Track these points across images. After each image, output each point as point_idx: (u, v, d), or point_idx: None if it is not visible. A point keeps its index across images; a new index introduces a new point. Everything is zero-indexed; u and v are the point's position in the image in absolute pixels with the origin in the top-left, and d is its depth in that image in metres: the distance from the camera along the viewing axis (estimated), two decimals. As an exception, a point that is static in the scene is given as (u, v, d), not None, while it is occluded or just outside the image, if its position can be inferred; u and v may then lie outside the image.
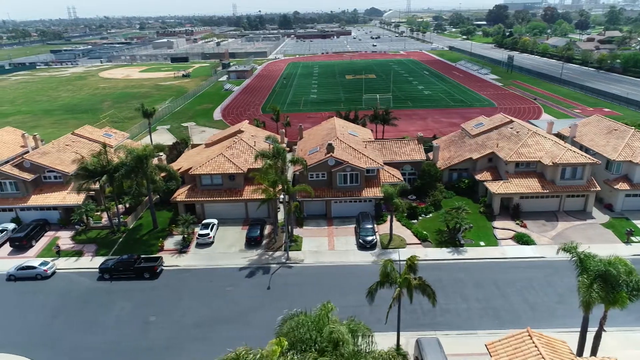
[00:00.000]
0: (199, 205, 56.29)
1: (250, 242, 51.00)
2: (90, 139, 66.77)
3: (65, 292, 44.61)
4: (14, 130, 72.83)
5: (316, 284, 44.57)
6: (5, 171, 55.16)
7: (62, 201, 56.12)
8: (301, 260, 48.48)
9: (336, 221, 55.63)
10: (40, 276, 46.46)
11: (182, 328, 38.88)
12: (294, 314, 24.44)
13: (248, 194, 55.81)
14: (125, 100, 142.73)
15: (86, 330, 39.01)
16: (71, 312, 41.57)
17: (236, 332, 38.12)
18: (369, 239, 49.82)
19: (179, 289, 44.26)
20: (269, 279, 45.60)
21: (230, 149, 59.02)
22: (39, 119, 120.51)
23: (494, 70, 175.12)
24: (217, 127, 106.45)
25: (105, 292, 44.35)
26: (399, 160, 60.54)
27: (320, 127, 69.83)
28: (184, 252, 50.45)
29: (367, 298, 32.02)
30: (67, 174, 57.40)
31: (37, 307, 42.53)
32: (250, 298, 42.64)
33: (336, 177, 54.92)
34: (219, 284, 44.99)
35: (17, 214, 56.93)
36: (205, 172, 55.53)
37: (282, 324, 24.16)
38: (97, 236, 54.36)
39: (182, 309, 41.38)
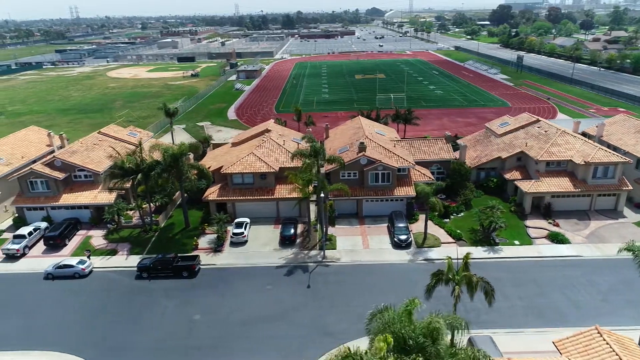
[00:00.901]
0: (230, 204, 56.33)
1: (285, 240, 51.06)
2: (116, 138, 66.82)
3: (105, 290, 44.64)
4: (39, 130, 72.86)
5: (355, 282, 44.65)
6: (37, 170, 55.17)
7: (94, 200, 56.14)
8: (337, 259, 48.55)
9: (368, 220, 55.73)
10: (78, 275, 46.47)
11: (228, 326, 38.92)
12: (381, 310, 24.44)
13: (280, 192, 55.83)
14: (137, 100, 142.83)
15: (131, 329, 39.05)
16: (114, 310, 41.60)
17: (283, 331, 38.28)
18: (403, 237, 49.89)
19: (220, 288, 44.29)
20: (308, 277, 45.66)
21: (260, 148, 59.06)
22: (53, 119, 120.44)
23: (503, 70, 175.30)
24: (233, 126, 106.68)
25: (145, 290, 44.38)
26: (427, 159, 60.61)
27: (345, 126, 69.90)
28: (218, 250, 50.50)
29: (425, 295, 31.98)
30: (98, 173, 57.45)
31: (79, 305, 42.56)
32: (291, 297, 42.69)
33: (368, 176, 54.99)
34: (258, 282, 45.03)
35: (48, 213, 56.94)
36: (236, 171, 55.56)
37: (370, 320, 24.15)
38: (129, 235, 54.38)
39: (225, 307, 41.42)
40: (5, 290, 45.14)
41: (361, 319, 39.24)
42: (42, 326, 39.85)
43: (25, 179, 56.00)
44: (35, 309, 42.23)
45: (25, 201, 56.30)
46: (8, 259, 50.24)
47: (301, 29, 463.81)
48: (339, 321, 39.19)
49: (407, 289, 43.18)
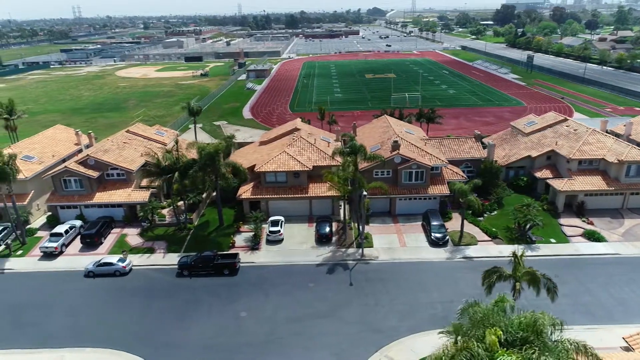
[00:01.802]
0: (264, 203, 56.48)
1: (321, 239, 51.21)
2: (144, 137, 66.98)
3: (147, 288, 44.77)
4: (65, 128, 73.03)
5: (396, 280, 44.80)
6: (72, 168, 55.29)
7: (128, 198, 56.26)
8: (376, 257, 48.72)
9: (401, 218, 55.91)
10: (118, 272, 46.59)
11: (276, 323, 39.06)
12: (471, 304, 24.62)
13: (313, 191, 55.98)
14: (150, 99, 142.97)
15: (179, 326, 39.17)
16: (159, 308, 41.71)
17: (332, 327, 38.42)
18: (440, 235, 50.06)
19: (262, 285, 44.43)
20: (349, 275, 45.80)
21: (292, 146, 59.21)
22: (68, 118, 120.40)
23: (513, 70, 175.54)
24: (250, 125, 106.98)
25: (187, 288, 44.51)
26: (458, 157, 60.81)
27: (372, 125, 70.07)
28: (256, 248, 50.64)
29: (485, 291, 32.09)
30: (131, 171, 57.57)
31: (123, 303, 42.67)
32: (335, 294, 42.83)
33: (401, 175, 55.15)
34: (300, 280, 45.16)
35: (81, 211, 57.06)
36: (270, 169, 55.71)
37: (461, 315, 24.31)
38: (164, 233, 54.49)
39: (271, 304, 41.55)
40: (48, 287, 45.25)
41: (408, 316, 39.89)
42: (90, 323, 39.95)
43: (60, 177, 56.11)
44: (80, 306, 42.34)
45: (59, 199, 56.41)
46: (46, 257, 50.33)
47: (305, 28, 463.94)
48: (386, 318, 39.35)
49: (449, 286, 43.58)
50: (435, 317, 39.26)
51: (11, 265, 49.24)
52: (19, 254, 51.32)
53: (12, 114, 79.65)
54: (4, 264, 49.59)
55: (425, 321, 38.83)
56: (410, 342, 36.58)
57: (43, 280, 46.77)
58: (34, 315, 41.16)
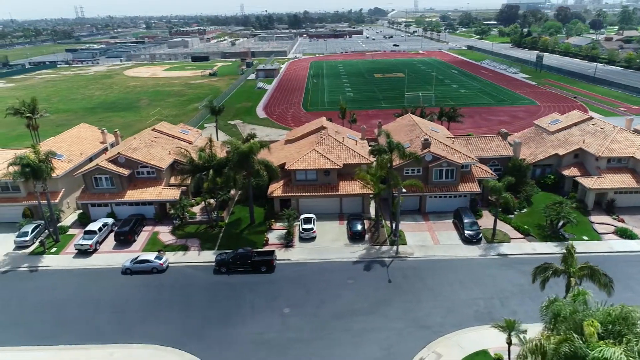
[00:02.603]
0: (294, 200, 56.67)
1: (355, 236, 51.41)
2: (170, 135, 67.15)
3: (187, 285, 44.94)
4: (90, 127, 73.19)
5: (433, 277, 45.01)
6: (103, 166, 55.46)
7: (159, 196, 56.43)
8: (411, 254, 48.95)
9: (432, 216, 56.14)
10: (156, 270, 46.78)
11: (322, 319, 39.26)
12: (554, 300, 24.82)
13: (344, 189, 56.18)
14: (162, 99, 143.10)
15: (225, 323, 39.35)
16: (201, 304, 41.88)
17: (377, 323, 38.64)
18: (474, 233, 50.29)
19: (301, 282, 44.63)
20: (386, 272, 46.02)
21: (320, 145, 59.39)
22: (82, 117, 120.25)
23: (523, 69, 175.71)
24: (265, 124, 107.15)
25: (227, 285, 44.69)
26: (486, 156, 61.01)
27: (397, 124, 70.29)
28: (290, 246, 50.83)
29: (540, 286, 32.24)
30: (161, 169, 57.75)
31: (164, 300, 42.83)
32: (375, 291, 43.03)
33: (432, 173, 55.37)
34: (338, 277, 45.36)
35: (112, 209, 57.22)
36: (301, 167, 55.91)
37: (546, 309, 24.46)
38: (196, 231, 54.66)
39: (312, 301, 41.74)
40: (87, 284, 45.44)
41: (451, 312, 40.07)
42: (133, 320, 40.15)
43: (91, 175, 56.29)
44: (121, 303, 42.50)
45: (91, 197, 56.58)
46: (80, 254, 50.51)
47: (309, 28, 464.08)
48: (430, 314, 39.56)
49: (488, 283, 43.81)
50: (479, 313, 39.52)
51: (47, 263, 49.42)
52: (53, 251, 51.51)
53: (34, 113, 79.79)
54: (40, 261, 49.79)
55: (469, 317, 39.07)
56: (456, 338, 36.81)
57: (81, 277, 46.95)
58: (77, 312, 41.34)
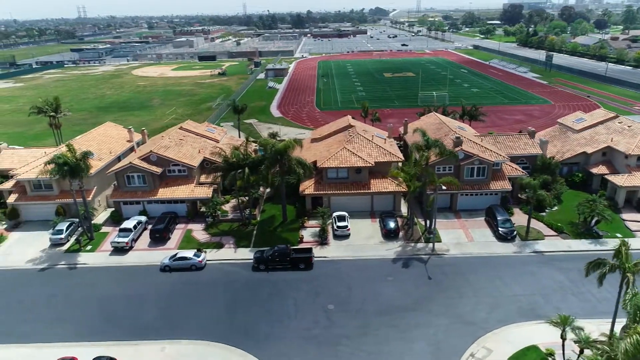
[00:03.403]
0: (326, 198, 56.92)
1: (389, 234, 51.67)
2: (197, 134, 67.39)
3: (227, 282, 45.18)
4: (115, 126, 73.44)
5: (472, 273, 45.27)
6: (136, 164, 55.70)
7: (191, 194, 56.68)
8: (446, 251, 49.24)
9: (463, 214, 56.41)
10: (195, 267, 47.02)
11: (367, 316, 39.51)
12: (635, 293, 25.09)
13: (375, 186, 56.45)
14: (174, 98, 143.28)
15: (271, 319, 39.60)
16: (245, 301, 42.09)
17: (423, 319, 38.94)
18: (508, 230, 50.57)
19: (341, 279, 44.90)
20: (425, 269, 46.30)
21: (350, 143, 59.65)
22: (96, 116, 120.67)
23: (532, 69, 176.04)
24: (282, 123, 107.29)
25: (267, 282, 44.93)
26: (513, 154, 61.23)
27: (422, 122, 70.55)
28: (325, 243, 51.08)
29: (597, 282, 32.44)
30: (193, 167, 58.01)
31: (207, 296, 42.99)
32: (416, 288, 43.31)
33: (464, 170, 55.65)
34: (377, 274, 45.63)
35: (144, 207, 57.44)
36: (333, 165, 56.17)
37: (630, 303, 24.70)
38: (229, 229, 54.90)
39: (355, 297, 41.99)
40: (127, 281, 45.68)
41: (495, 308, 40.36)
42: (179, 316, 40.37)
43: (123, 173, 56.53)
44: (164, 299, 42.74)
45: (123, 195, 56.83)
46: (116, 251, 50.76)
47: (312, 28, 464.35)
48: (474, 311, 39.83)
49: (527, 280, 44.09)
50: (523, 310, 39.81)
51: (84, 260, 49.67)
52: (89, 249, 51.76)
53: (57, 112, 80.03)
54: (77, 258, 50.03)
55: (513, 313, 39.36)
56: (504, 334, 37.08)
57: (119, 274, 47.20)
58: (121, 308, 41.59)
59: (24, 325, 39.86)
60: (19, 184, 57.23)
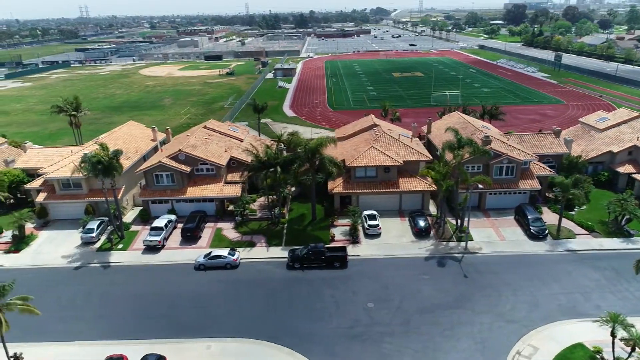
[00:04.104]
0: (354, 197, 56.99)
1: (420, 232, 51.75)
2: (222, 133, 67.42)
3: (263, 280, 45.21)
4: (138, 125, 73.44)
5: (508, 272, 45.31)
6: (166, 163, 55.75)
7: (220, 193, 56.73)
8: (479, 250, 49.32)
9: (492, 213, 56.50)
10: (229, 265, 47.06)
11: (407, 314, 39.58)
12: None
13: (404, 185, 56.53)
14: (184, 97, 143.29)
15: (312, 317, 39.65)
16: (283, 299, 42.11)
17: (465, 318, 38.99)
18: (540, 229, 50.65)
19: (377, 277, 44.92)
20: (460, 267, 46.36)
21: (377, 142, 59.72)
22: (110, 116, 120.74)
23: (541, 69, 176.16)
24: (296, 123, 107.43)
25: (303, 280, 44.97)
26: (540, 153, 61.31)
27: (445, 122, 70.54)
28: (356, 242, 51.14)
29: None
30: (221, 166, 58.05)
31: (244, 294, 43.03)
32: (454, 286, 43.37)
33: (492, 169, 55.72)
34: (412, 272, 45.68)
35: (172, 206, 57.49)
36: (362, 164, 56.24)
37: None
38: (258, 228, 54.94)
39: (393, 295, 42.04)
40: (163, 280, 45.67)
41: (535, 306, 40.41)
42: (219, 314, 40.40)
43: (152, 172, 56.57)
44: (202, 297, 42.75)
45: (152, 194, 56.86)
46: (148, 250, 50.80)
47: (316, 28, 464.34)
48: (515, 309, 39.89)
49: (564, 278, 44.17)
50: (563, 308, 39.89)
51: (117, 259, 49.71)
52: (120, 247, 51.77)
53: (78, 111, 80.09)
54: (109, 257, 50.07)
55: (554, 311, 39.44)
56: (548, 332, 37.15)
57: (154, 272, 47.24)
58: (159, 306, 41.61)
59: (63, 323, 39.89)
60: (47, 183, 57.23)
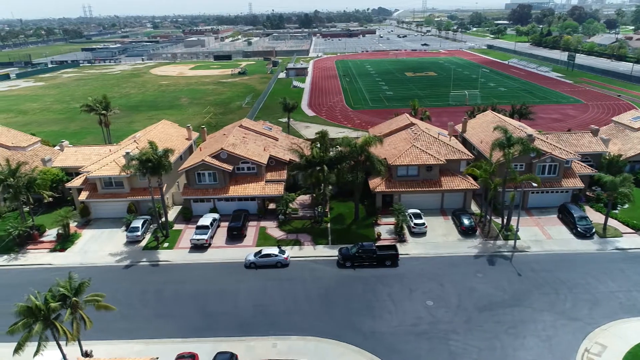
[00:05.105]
0: (397, 196, 57.00)
1: (467, 231, 51.75)
2: (256, 131, 67.41)
3: (317, 278, 45.15)
4: (171, 124, 73.38)
5: (561, 270, 45.27)
6: (209, 162, 55.72)
7: (263, 191, 56.72)
8: (527, 248, 49.32)
9: (534, 211, 56.54)
10: (280, 264, 47.04)
11: (468, 312, 39.55)
12: None
13: (447, 184, 56.56)
14: (201, 97, 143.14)
15: (372, 314, 39.62)
16: (340, 297, 42.04)
17: (526, 315, 38.99)
18: (587, 227, 50.67)
19: (430, 276, 44.89)
20: (511, 266, 46.35)
21: (417, 140, 59.74)
22: (128, 115, 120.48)
23: (554, 68, 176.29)
24: (317, 122, 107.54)
25: (358, 278, 44.94)
26: (579, 151, 61.29)
27: (479, 120, 70.61)
28: (403, 240, 51.14)
29: None
30: (262, 165, 58.04)
31: (300, 292, 42.96)
32: (510, 284, 43.36)
33: (535, 168, 55.75)
34: (464, 271, 45.66)
35: (214, 205, 57.47)
36: (404, 163, 56.25)
37: None
38: (302, 226, 54.92)
39: (450, 294, 42.02)
40: (215, 278, 45.59)
41: (596, 304, 40.43)
42: (278, 312, 40.30)
43: (194, 171, 56.55)
44: (258, 295, 42.65)
45: (195, 193, 56.82)
46: (195, 249, 50.77)
47: (321, 28, 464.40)
48: (575, 307, 39.88)
49: (619, 276, 44.18)
50: (625, 306, 39.89)
51: (165, 257, 49.66)
52: (166, 246, 51.72)
53: (108, 110, 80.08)
54: (157, 255, 50.04)
55: (616, 309, 39.44)
56: (613, 330, 37.15)
57: (204, 271, 47.16)
58: (217, 305, 41.53)
59: (124, 322, 39.84)
60: (89, 182, 57.16)
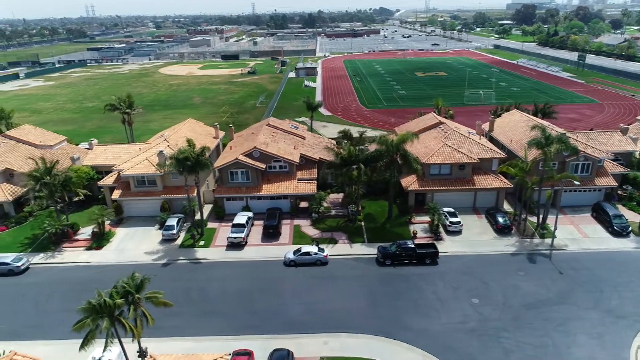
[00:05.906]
0: (429, 194, 57.08)
1: (503, 229, 51.82)
2: (284, 130, 67.47)
3: (358, 276, 45.24)
4: (197, 122, 73.46)
5: (601, 268, 45.33)
6: (243, 160, 55.77)
7: (295, 190, 56.78)
8: (565, 247, 49.40)
9: (567, 210, 56.63)
10: (320, 262, 47.12)
11: (515, 309, 39.64)
12: None
13: (479, 183, 56.64)
14: (213, 96, 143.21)
15: (419, 312, 39.72)
16: (385, 295, 42.12)
17: (573, 313, 39.13)
18: (624, 226, 50.78)
19: (471, 274, 44.98)
20: (552, 264, 46.41)
21: (448, 139, 59.82)
22: (144, 114, 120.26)
23: (564, 68, 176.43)
24: (333, 122, 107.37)
25: (399, 276, 45.03)
26: (609, 150, 61.27)
27: (506, 120, 70.74)
28: (439, 239, 51.21)
29: None
30: (294, 163, 58.10)
31: (343, 290, 43.05)
32: (552, 282, 43.43)
33: (568, 167, 55.83)
34: (505, 269, 45.74)
35: (247, 203, 57.53)
36: (437, 161, 56.33)
37: None
38: (336, 225, 55.00)
39: (494, 292, 42.11)
40: (256, 276, 45.64)
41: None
42: (324, 310, 40.35)
43: (227, 169, 56.60)
44: (302, 293, 42.75)
45: (228, 191, 56.88)
46: (232, 247, 50.81)
47: (325, 28, 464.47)
48: (621, 305, 39.98)
49: None
50: (671, 304, 40.02)
51: (203, 255, 49.75)
52: (202, 244, 51.78)
53: (131, 109, 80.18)
54: (194, 254, 50.12)
55: (663, 307, 39.57)
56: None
57: (243, 269, 47.25)
58: (263, 302, 41.61)
59: (172, 319, 39.54)
60: (121, 180, 57.21)
